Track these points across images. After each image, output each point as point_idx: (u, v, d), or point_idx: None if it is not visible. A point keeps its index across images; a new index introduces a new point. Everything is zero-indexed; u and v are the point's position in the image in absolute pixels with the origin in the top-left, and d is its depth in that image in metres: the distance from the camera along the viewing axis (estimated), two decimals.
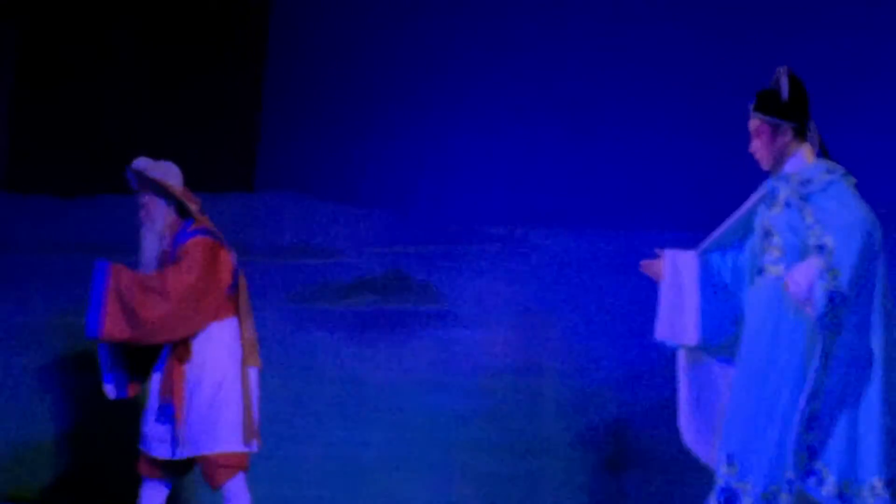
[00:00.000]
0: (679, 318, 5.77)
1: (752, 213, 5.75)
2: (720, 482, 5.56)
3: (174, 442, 6.49)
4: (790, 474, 5.42)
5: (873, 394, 5.38)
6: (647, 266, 5.86)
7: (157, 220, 6.68)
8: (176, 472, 6.65)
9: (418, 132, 8.09)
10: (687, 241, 5.87)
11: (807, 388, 5.36)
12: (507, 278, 7.68)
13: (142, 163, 6.75)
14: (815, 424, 5.35)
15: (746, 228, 5.77)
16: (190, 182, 6.82)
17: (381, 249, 7.98)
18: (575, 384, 7.36)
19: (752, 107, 5.64)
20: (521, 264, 7.68)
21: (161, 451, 6.53)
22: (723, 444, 5.60)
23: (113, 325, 6.45)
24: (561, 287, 7.54)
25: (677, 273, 5.79)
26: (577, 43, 7.85)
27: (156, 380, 6.62)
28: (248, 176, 8.36)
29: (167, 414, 6.53)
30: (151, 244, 6.72)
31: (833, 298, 5.36)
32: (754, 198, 5.76)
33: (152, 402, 6.60)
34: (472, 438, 7.44)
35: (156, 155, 8.15)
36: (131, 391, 6.65)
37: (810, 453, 5.34)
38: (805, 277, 5.40)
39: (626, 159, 7.57)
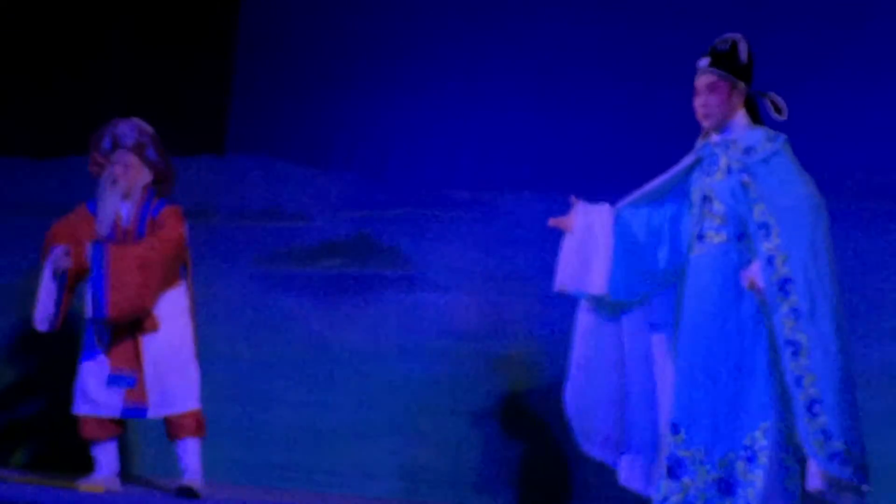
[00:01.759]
0: (587, 266, 5.68)
1: (683, 177, 5.75)
2: (665, 451, 5.58)
3: (136, 402, 6.60)
4: (750, 440, 5.46)
5: (840, 369, 5.41)
6: (557, 222, 5.78)
7: (136, 184, 6.74)
8: (121, 430, 6.79)
9: (388, 97, 8.08)
10: None
11: (791, 375, 5.38)
12: (474, 243, 7.69)
13: (147, 127, 6.81)
14: (820, 409, 5.36)
15: (673, 191, 5.78)
16: (163, 147, 6.85)
17: (349, 213, 7.99)
18: (540, 348, 7.38)
19: (707, 63, 5.65)
20: (488, 229, 7.69)
21: (114, 412, 6.65)
22: (667, 414, 5.63)
23: (116, 308, 6.56)
24: (528, 252, 7.55)
25: (589, 223, 5.72)
26: (548, 8, 7.85)
27: (101, 346, 6.69)
28: (218, 139, 8.34)
29: (127, 381, 6.64)
30: (114, 203, 6.76)
31: (784, 285, 5.40)
32: (686, 161, 5.76)
33: (99, 368, 6.68)
34: (437, 403, 7.47)
35: (124, 117, 8.15)
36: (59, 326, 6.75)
37: (826, 437, 5.35)
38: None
39: (595, 126, 7.58)
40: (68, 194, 8.18)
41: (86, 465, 6.83)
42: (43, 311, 6.71)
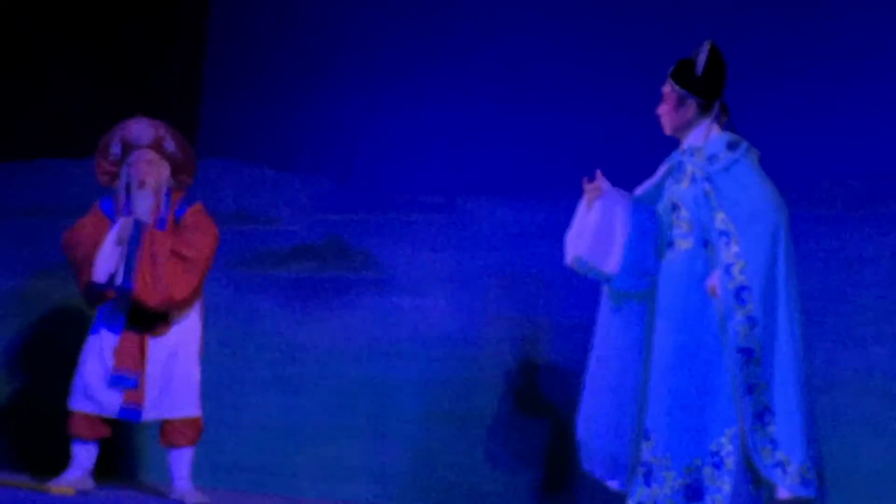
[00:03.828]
0: (606, 245, 5.66)
1: (660, 184, 5.80)
2: (641, 457, 5.62)
3: (132, 404, 6.61)
4: (716, 446, 5.49)
5: (793, 378, 5.44)
6: (592, 188, 5.72)
7: (161, 180, 6.77)
8: (110, 432, 6.78)
9: (359, 100, 8.09)
10: None
11: (731, 383, 5.42)
12: (445, 247, 7.71)
13: (158, 121, 6.82)
14: (770, 419, 5.39)
15: (654, 200, 5.82)
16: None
17: (321, 217, 7.99)
18: (509, 352, 7.40)
19: (669, 71, 5.70)
20: (459, 233, 7.71)
21: (111, 412, 6.63)
22: (642, 420, 5.67)
23: (143, 283, 6.62)
24: (499, 256, 7.57)
25: (615, 202, 5.70)
26: (514, 11, 7.87)
27: (106, 344, 6.68)
28: (189, 143, 8.33)
29: (129, 382, 6.64)
30: (147, 204, 6.76)
31: (740, 293, 5.43)
32: (662, 169, 5.81)
33: (102, 366, 6.67)
34: (409, 406, 7.48)
35: (97, 121, 8.16)
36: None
37: (773, 446, 5.39)
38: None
39: (565, 129, 7.61)
40: (38, 197, 8.19)
41: (51, 465, 6.85)
42: (104, 265, 6.62)
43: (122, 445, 7.54)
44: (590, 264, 5.71)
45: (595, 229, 5.68)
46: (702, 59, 5.63)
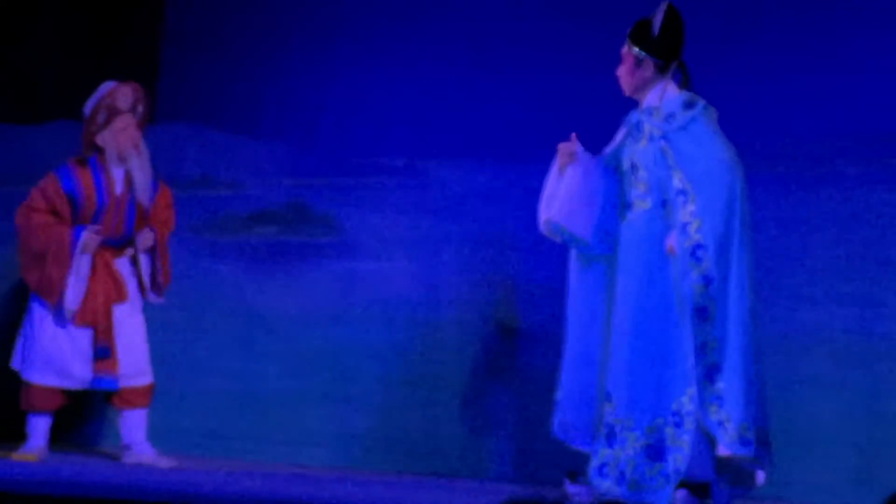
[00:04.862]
0: (577, 207, 5.71)
1: (621, 145, 5.82)
2: (603, 418, 5.65)
3: (107, 373, 6.62)
4: (677, 406, 5.52)
5: (743, 338, 5.47)
6: (565, 147, 5.75)
7: (145, 150, 6.78)
8: (65, 402, 6.81)
9: (320, 64, 8.04)
10: None
11: (691, 342, 5.44)
12: (407, 210, 7.69)
13: (135, 84, 6.81)
14: (718, 376, 5.43)
15: (617, 161, 5.83)
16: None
17: (282, 181, 7.96)
18: (475, 314, 7.40)
19: (627, 33, 5.71)
20: (423, 196, 7.69)
21: (83, 384, 6.65)
22: (603, 382, 5.69)
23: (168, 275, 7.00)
24: (461, 219, 7.56)
25: (589, 168, 5.75)
26: None
27: (73, 315, 6.68)
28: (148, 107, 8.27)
29: (106, 351, 6.66)
30: (147, 171, 6.78)
31: (695, 251, 5.45)
32: (623, 130, 5.82)
33: (71, 338, 6.67)
34: (370, 371, 7.48)
35: (55, 85, 8.08)
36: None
37: (719, 403, 5.43)
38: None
39: (528, 92, 7.58)
40: None
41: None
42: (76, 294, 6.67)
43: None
44: (564, 228, 5.74)
45: (568, 194, 5.72)
46: (658, 19, 5.64)
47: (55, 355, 6.71)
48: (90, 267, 6.68)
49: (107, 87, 6.82)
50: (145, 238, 6.82)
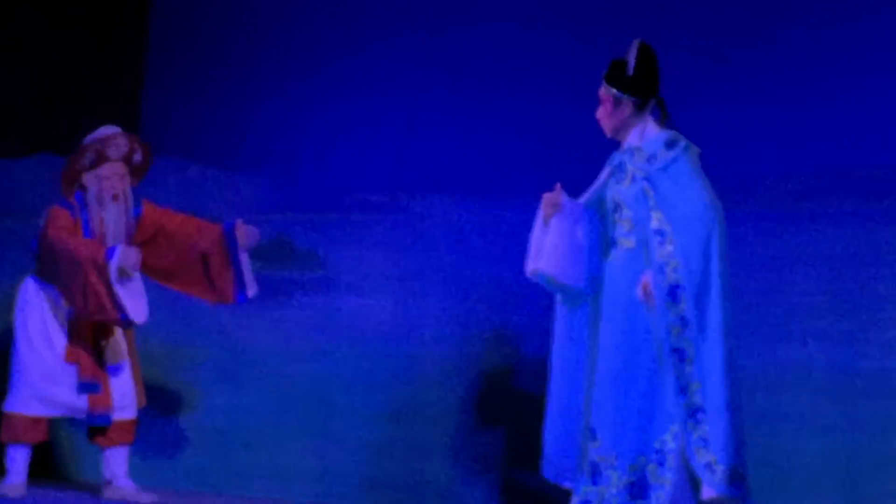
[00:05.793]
0: (566, 259, 5.72)
1: (604, 185, 5.84)
2: (587, 456, 5.66)
3: (102, 408, 6.70)
4: (660, 444, 5.53)
5: (724, 379, 5.48)
6: (548, 202, 5.76)
7: (128, 193, 6.76)
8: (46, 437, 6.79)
9: (302, 99, 8.07)
10: None
11: (673, 381, 5.45)
12: (389, 246, 7.71)
13: (132, 134, 6.83)
14: (703, 418, 5.44)
15: (600, 201, 5.85)
16: (73, 148, 6.81)
17: (265, 216, 7.96)
18: (456, 350, 7.41)
19: (603, 75, 5.73)
20: (403, 232, 7.70)
21: (79, 414, 6.75)
22: (588, 420, 5.70)
23: None
24: (444, 255, 7.58)
25: (577, 218, 5.77)
26: (463, 7, 7.87)
27: (54, 343, 6.66)
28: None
29: (94, 387, 6.66)
30: (120, 220, 6.76)
31: (673, 292, 5.46)
32: (606, 171, 5.84)
33: (61, 369, 6.65)
34: (352, 406, 7.47)
35: (38, 121, 8.07)
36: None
37: (705, 445, 5.43)
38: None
39: (510, 128, 7.62)
40: None
41: None
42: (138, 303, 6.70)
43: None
44: (552, 279, 5.76)
45: (555, 246, 5.74)
46: (631, 58, 5.66)
47: (39, 385, 6.70)
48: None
49: (105, 131, 6.83)
50: (251, 235, 6.81)
